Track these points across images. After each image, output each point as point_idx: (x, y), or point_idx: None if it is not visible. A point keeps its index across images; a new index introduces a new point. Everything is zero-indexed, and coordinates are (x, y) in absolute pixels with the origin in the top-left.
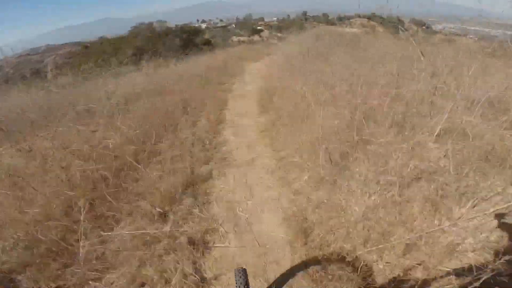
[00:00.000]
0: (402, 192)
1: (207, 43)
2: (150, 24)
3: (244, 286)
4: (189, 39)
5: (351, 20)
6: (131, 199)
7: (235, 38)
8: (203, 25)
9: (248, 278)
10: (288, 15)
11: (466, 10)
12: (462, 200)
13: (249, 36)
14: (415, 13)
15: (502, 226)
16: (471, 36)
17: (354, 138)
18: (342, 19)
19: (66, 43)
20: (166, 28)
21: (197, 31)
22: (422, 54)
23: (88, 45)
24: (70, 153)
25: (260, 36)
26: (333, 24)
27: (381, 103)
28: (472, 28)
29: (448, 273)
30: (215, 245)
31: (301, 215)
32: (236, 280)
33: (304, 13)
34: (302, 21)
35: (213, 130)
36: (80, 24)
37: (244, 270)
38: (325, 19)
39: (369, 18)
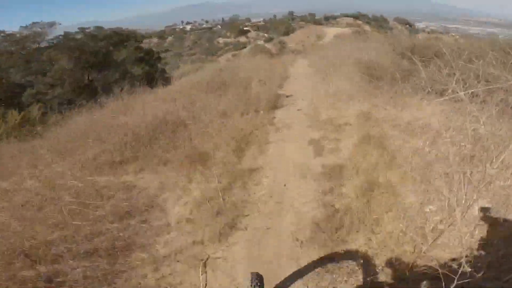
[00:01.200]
0: None
1: (153, 58)
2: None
3: None
4: (103, 58)
5: (337, 19)
6: None
7: (221, 40)
8: (188, 27)
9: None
10: (275, 15)
11: (449, 8)
12: None
13: (235, 38)
14: (398, 11)
15: (486, 219)
16: (452, 34)
17: None
18: (328, 19)
19: None
20: (56, 38)
21: (127, 38)
22: None
23: None
24: None
25: (247, 37)
26: (320, 24)
27: None
28: (452, 26)
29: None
30: None
31: None
32: (251, 283)
33: (291, 13)
34: (289, 21)
35: None
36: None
37: (260, 276)
38: (312, 19)
39: (356, 17)
